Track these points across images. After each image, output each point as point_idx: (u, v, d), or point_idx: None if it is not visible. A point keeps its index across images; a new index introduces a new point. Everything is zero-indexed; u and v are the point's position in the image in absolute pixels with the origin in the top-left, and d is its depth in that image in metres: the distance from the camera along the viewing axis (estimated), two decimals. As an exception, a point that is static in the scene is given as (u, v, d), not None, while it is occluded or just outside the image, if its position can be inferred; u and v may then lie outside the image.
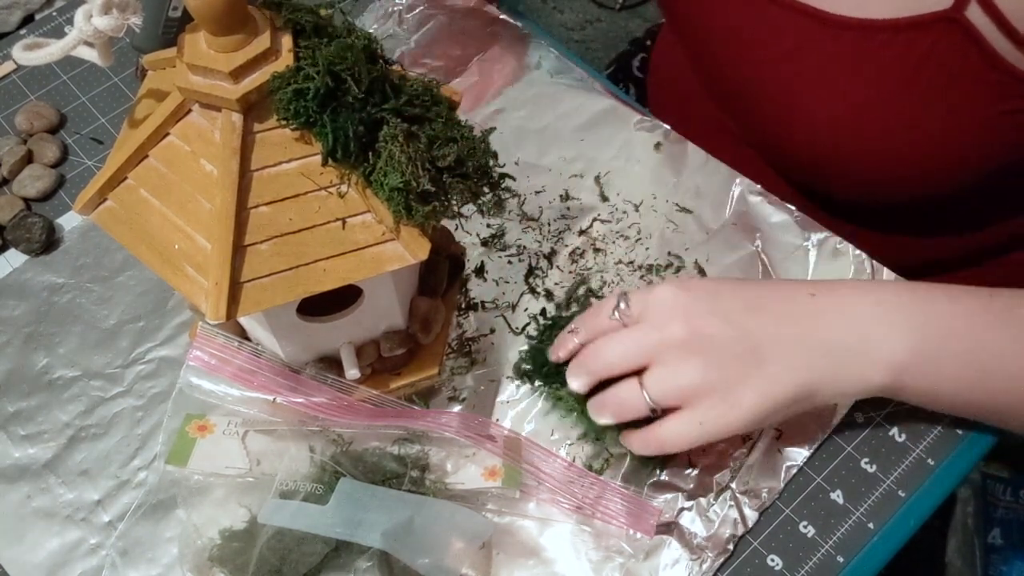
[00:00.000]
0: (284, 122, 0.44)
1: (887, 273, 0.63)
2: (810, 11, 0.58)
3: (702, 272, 0.64)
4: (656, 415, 0.51)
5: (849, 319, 0.51)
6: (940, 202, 0.65)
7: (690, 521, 0.55)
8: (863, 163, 0.62)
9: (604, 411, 0.53)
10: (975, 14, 0.51)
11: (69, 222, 0.69)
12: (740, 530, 0.54)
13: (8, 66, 0.78)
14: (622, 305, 0.52)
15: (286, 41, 0.44)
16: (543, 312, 0.63)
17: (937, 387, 0.52)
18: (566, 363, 0.55)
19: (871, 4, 0.55)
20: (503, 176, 0.51)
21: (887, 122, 0.59)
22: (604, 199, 0.68)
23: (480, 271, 0.65)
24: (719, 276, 0.64)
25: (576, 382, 0.53)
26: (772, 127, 0.66)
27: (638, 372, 0.51)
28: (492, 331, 0.63)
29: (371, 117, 0.45)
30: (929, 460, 0.57)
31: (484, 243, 0.67)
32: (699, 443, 0.51)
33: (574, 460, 0.57)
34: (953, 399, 0.53)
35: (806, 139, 0.63)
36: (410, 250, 0.46)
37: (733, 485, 0.56)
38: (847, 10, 0.56)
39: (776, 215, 0.66)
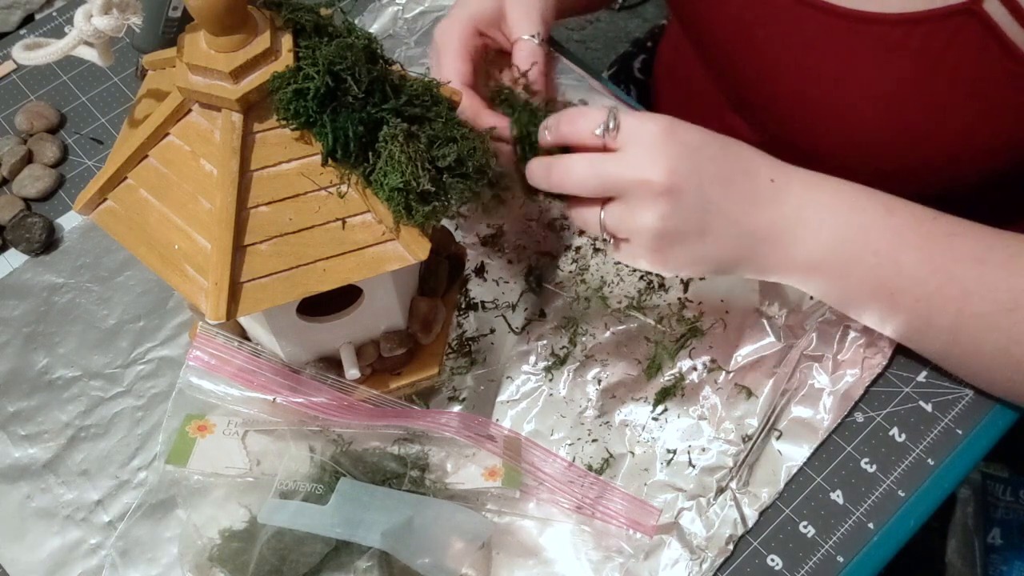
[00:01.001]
0: (284, 122, 0.44)
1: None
2: (826, 6, 0.57)
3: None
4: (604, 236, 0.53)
5: (786, 214, 0.53)
6: (959, 198, 0.65)
7: (690, 521, 0.55)
8: (883, 157, 0.61)
9: (567, 210, 0.54)
10: (993, 7, 0.51)
11: (69, 222, 0.69)
12: (740, 530, 0.54)
13: (8, 66, 0.78)
14: (611, 125, 0.50)
15: (286, 41, 0.44)
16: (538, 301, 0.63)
17: (845, 293, 0.55)
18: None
19: None
20: (503, 176, 0.51)
21: (907, 116, 0.58)
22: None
23: (480, 271, 0.65)
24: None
25: (536, 183, 0.53)
26: (788, 124, 0.66)
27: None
28: (492, 331, 0.63)
29: (371, 117, 0.45)
30: (929, 460, 0.57)
31: (484, 243, 0.67)
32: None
33: (574, 460, 0.57)
34: (860, 308, 0.57)
35: (824, 135, 0.63)
36: (410, 250, 0.46)
37: (733, 485, 0.56)
38: (864, 4, 0.56)
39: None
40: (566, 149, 0.53)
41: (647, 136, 0.50)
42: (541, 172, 0.53)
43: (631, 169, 0.50)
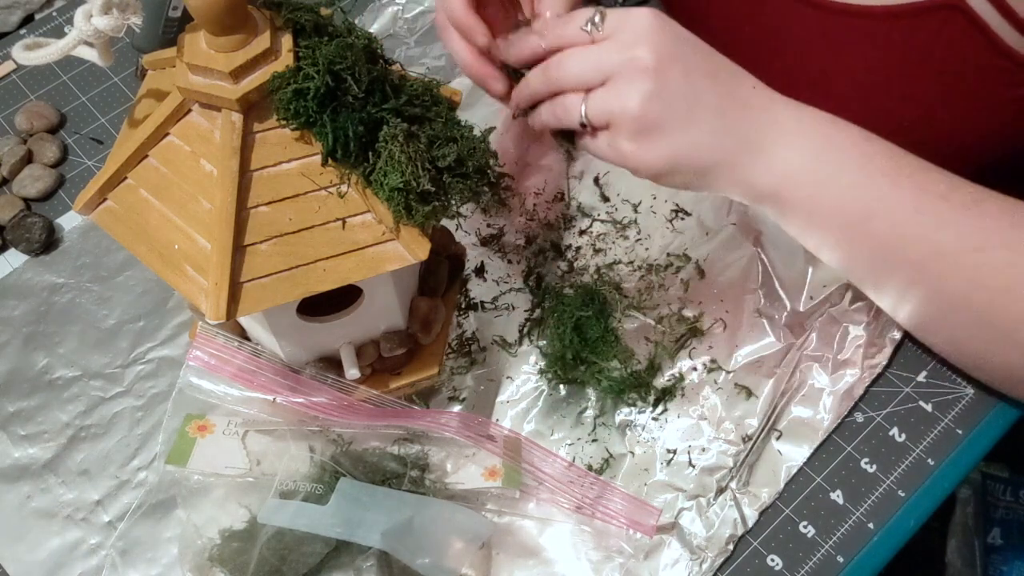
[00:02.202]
0: (284, 122, 0.44)
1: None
2: (815, 1, 0.58)
3: (701, 273, 0.64)
4: (584, 129, 0.52)
5: (767, 119, 0.51)
6: None
7: (690, 521, 0.55)
8: None
9: (542, 114, 0.53)
10: (977, 1, 0.51)
11: (69, 222, 0.69)
12: (740, 530, 0.54)
13: (8, 66, 0.78)
14: (596, 19, 0.50)
15: (286, 41, 0.44)
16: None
17: (815, 215, 0.53)
18: None
19: None
20: (502, 176, 0.51)
21: (896, 110, 0.58)
22: (604, 200, 0.68)
23: (480, 271, 0.65)
24: (719, 272, 0.64)
25: (535, 84, 0.53)
26: None
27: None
28: (492, 332, 0.63)
29: (371, 117, 0.45)
30: (929, 460, 0.57)
31: (484, 243, 0.67)
32: (604, 160, 0.52)
33: (574, 460, 0.57)
34: (826, 235, 0.54)
35: None
36: (410, 250, 0.46)
37: (733, 485, 0.56)
38: None
39: (776, 215, 0.66)
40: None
41: (636, 23, 0.50)
42: (538, 73, 0.52)
43: (618, 52, 0.49)
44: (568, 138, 0.54)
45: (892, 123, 0.59)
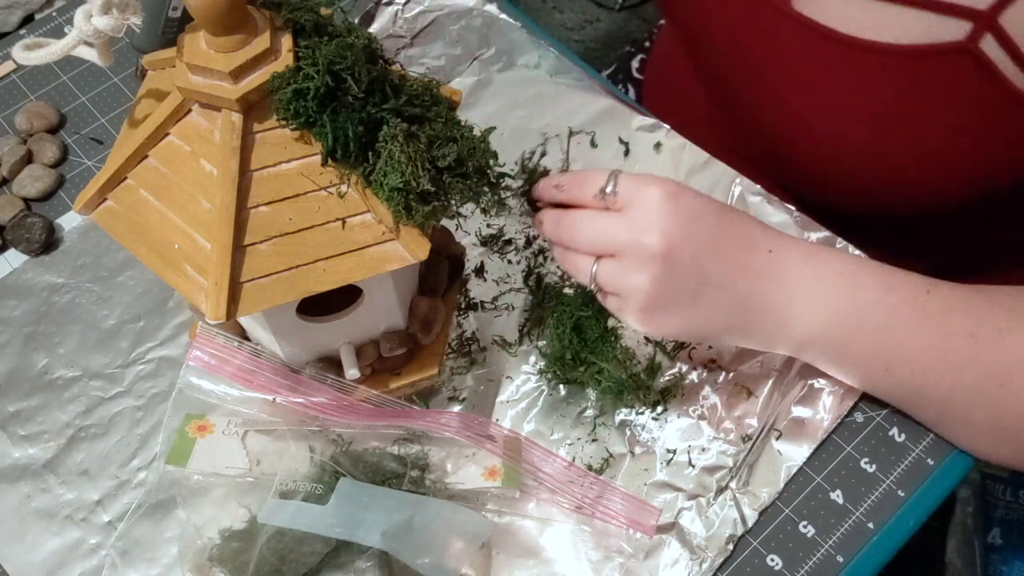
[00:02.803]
0: (284, 122, 0.44)
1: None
2: (822, 30, 0.57)
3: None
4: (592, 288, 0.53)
5: (783, 288, 0.52)
6: (944, 217, 0.65)
7: (690, 521, 0.55)
8: (869, 182, 0.61)
9: (555, 254, 0.55)
10: (990, 46, 0.51)
11: (69, 222, 0.69)
12: (740, 530, 0.54)
13: (8, 66, 0.78)
14: (609, 189, 0.51)
15: (286, 41, 0.44)
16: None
17: (839, 364, 0.55)
18: None
19: (885, 28, 0.55)
20: (502, 176, 0.51)
21: (898, 145, 0.58)
22: (604, 199, 0.68)
23: (480, 271, 0.65)
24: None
25: (544, 232, 0.55)
26: (775, 140, 0.66)
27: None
28: (492, 332, 0.63)
29: (371, 117, 0.45)
30: (929, 460, 0.57)
31: (484, 243, 0.67)
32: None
33: (574, 460, 0.57)
34: (853, 377, 0.56)
35: (811, 155, 0.63)
36: (410, 250, 0.46)
37: (733, 485, 0.56)
38: (860, 31, 0.56)
39: (776, 215, 0.66)
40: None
41: (648, 198, 0.50)
42: (551, 223, 0.54)
43: (628, 231, 0.50)
44: None
45: (884, 153, 0.59)
